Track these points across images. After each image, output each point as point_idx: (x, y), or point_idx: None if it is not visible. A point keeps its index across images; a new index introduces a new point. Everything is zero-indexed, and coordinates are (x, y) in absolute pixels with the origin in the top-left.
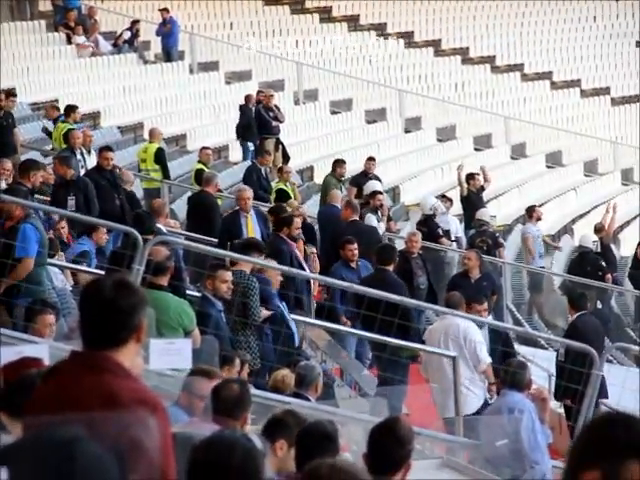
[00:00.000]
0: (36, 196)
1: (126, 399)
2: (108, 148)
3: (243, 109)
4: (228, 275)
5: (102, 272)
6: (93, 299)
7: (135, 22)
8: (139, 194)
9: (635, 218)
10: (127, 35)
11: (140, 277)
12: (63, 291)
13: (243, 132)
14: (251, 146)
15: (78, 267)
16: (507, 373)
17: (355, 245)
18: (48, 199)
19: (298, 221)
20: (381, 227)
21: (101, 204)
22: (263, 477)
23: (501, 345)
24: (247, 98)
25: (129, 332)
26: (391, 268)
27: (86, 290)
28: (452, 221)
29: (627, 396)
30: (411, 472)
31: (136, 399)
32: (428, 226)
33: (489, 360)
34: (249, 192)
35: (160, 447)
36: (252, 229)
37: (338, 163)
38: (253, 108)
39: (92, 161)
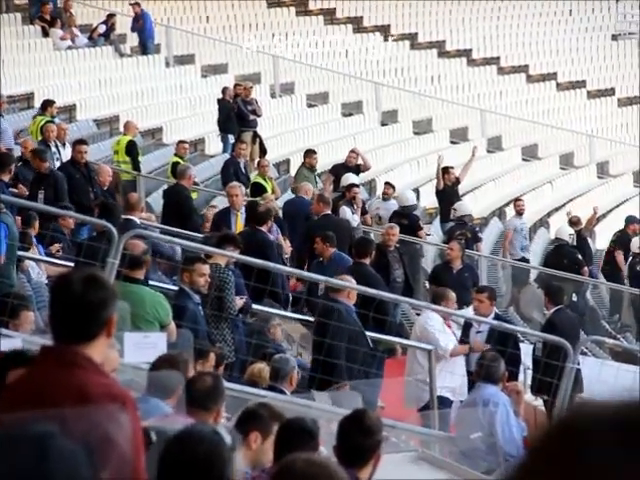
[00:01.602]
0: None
1: (96, 394)
2: (82, 141)
3: (221, 102)
4: (205, 268)
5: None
6: (62, 294)
7: (111, 16)
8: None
9: (611, 211)
10: (102, 29)
11: (115, 270)
12: (38, 284)
13: (223, 125)
14: (231, 139)
15: (49, 259)
16: (481, 366)
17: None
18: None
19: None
20: (355, 219)
21: (75, 197)
22: (228, 472)
23: (503, 346)
24: (224, 91)
25: (99, 327)
26: (367, 261)
27: (55, 285)
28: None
29: (601, 389)
30: (386, 465)
31: (106, 394)
32: (409, 218)
33: (449, 348)
34: (238, 189)
35: (131, 442)
36: (242, 226)
37: (308, 153)
38: (231, 100)
39: (67, 154)
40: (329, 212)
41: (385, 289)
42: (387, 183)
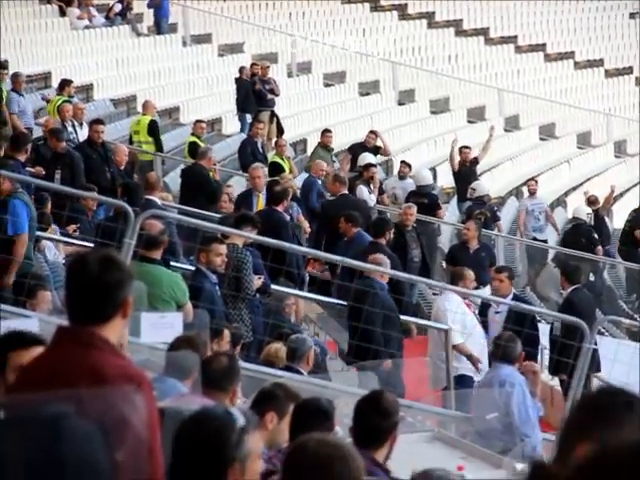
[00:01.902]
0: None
1: (112, 375)
2: (99, 121)
3: (238, 81)
4: (222, 248)
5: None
6: (78, 275)
7: None
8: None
9: (628, 190)
10: (118, 7)
11: (131, 251)
12: (55, 264)
13: (241, 104)
14: (249, 118)
15: (68, 239)
16: (498, 346)
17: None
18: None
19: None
20: (372, 199)
21: (92, 177)
22: (238, 452)
23: (521, 326)
24: (241, 70)
25: (115, 308)
26: (384, 241)
27: (71, 266)
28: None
29: (618, 369)
30: (403, 445)
31: (122, 375)
32: (428, 197)
33: (456, 341)
34: (260, 170)
35: (146, 423)
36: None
37: (323, 133)
38: (248, 79)
39: (84, 134)
40: (346, 192)
41: (401, 269)
42: (403, 162)
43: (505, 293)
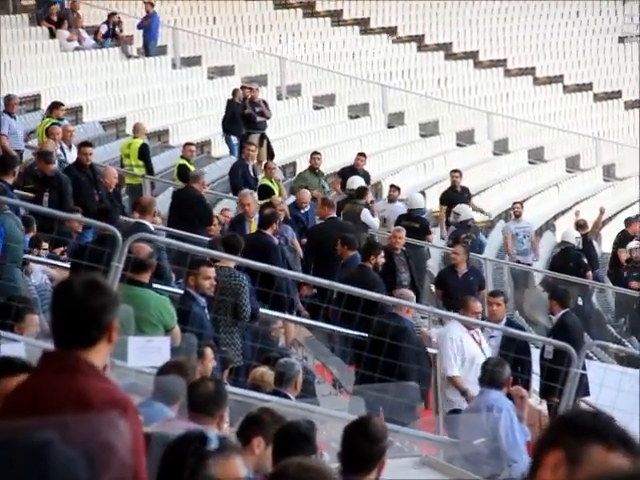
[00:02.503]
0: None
1: (97, 400)
2: (87, 144)
3: (230, 103)
4: (211, 271)
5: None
6: (63, 298)
7: (112, 15)
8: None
9: (617, 214)
10: (104, 29)
11: (119, 274)
12: (42, 287)
13: (228, 126)
14: (235, 140)
15: (53, 262)
16: (486, 371)
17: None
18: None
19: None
20: (376, 223)
21: (81, 200)
22: (195, 476)
23: (514, 352)
24: (234, 92)
25: (100, 332)
26: (371, 265)
27: (57, 290)
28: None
29: (605, 393)
30: (390, 470)
31: (107, 400)
32: (420, 221)
33: (451, 373)
34: (249, 197)
35: (131, 448)
36: None
37: (312, 155)
38: (240, 102)
39: (73, 156)
40: (334, 215)
41: (386, 293)
42: (393, 186)
43: (501, 318)
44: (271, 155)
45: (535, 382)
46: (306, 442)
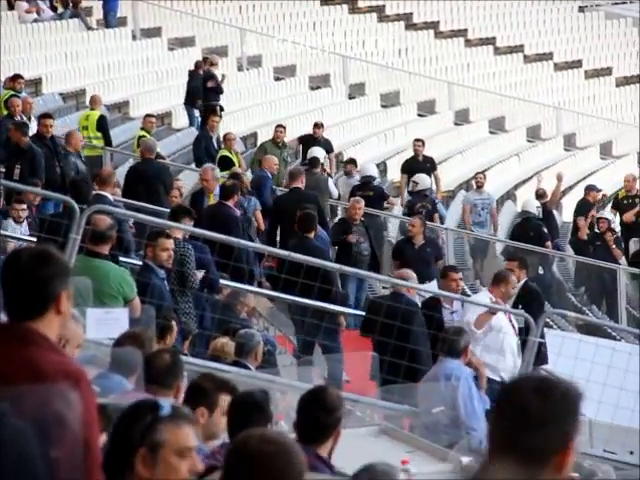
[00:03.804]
0: None
1: (49, 371)
2: (48, 115)
3: (192, 75)
4: (169, 243)
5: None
6: (11, 270)
7: None
8: None
9: (577, 183)
10: None
11: (76, 246)
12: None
13: (190, 98)
14: (196, 112)
15: (12, 235)
16: (444, 340)
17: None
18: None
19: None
20: (335, 192)
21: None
22: (144, 439)
23: None
24: (197, 64)
25: (47, 303)
26: (312, 235)
27: (5, 262)
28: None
29: (564, 362)
30: (349, 439)
31: (59, 371)
32: (374, 189)
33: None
34: (209, 172)
35: (84, 420)
36: None
37: (276, 128)
38: (202, 74)
39: (33, 128)
40: (299, 185)
41: (329, 260)
42: (349, 161)
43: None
44: None
45: None
46: (259, 412)
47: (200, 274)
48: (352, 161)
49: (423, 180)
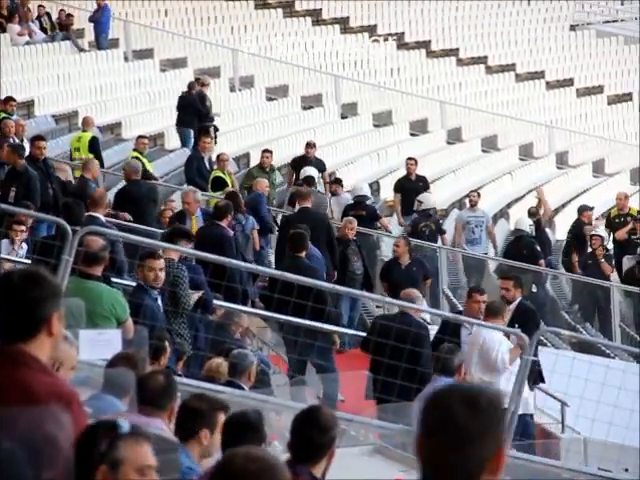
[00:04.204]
0: None
1: (41, 393)
2: (40, 137)
3: (185, 96)
4: (156, 263)
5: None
6: (2, 291)
7: (40, 7)
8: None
9: (570, 202)
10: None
11: (69, 268)
12: None
13: (183, 119)
14: (191, 132)
15: (6, 257)
16: (437, 359)
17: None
18: None
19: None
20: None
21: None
22: (104, 456)
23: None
24: (190, 85)
25: (37, 325)
26: (303, 254)
27: None
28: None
29: (558, 380)
30: (344, 458)
31: (51, 393)
32: (367, 209)
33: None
34: (190, 196)
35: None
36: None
37: (262, 153)
38: (196, 95)
39: (25, 151)
40: (308, 205)
41: (322, 279)
42: (335, 181)
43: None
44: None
45: None
46: (253, 432)
47: (196, 295)
48: (337, 181)
49: (427, 199)
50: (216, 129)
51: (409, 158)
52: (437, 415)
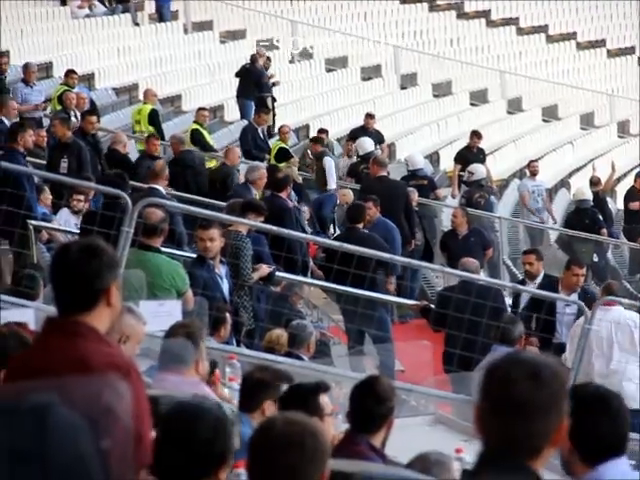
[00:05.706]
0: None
1: (98, 363)
2: (92, 112)
3: (249, 67)
4: (205, 234)
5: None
6: (60, 264)
7: None
8: (134, 156)
9: (631, 170)
10: None
11: (129, 239)
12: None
13: (245, 90)
14: (251, 104)
15: (67, 229)
16: (497, 328)
17: None
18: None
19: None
20: None
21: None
22: (231, 448)
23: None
24: (253, 57)
25: (95, 296)
26: (361, 226)
27: (55, 254)
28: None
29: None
30: (404, 428)
31: (108, 363)
32: (428, 178)
33: None
34: (262, 172)
35: (134, 412)
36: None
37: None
38: (259, 68)
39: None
40: (384, 174)
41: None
42: (350, 139)
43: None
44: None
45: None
46: (308, 403)
47: (266, 269)
48: (352, 139)
49: (478, 170)
50: (274, 99)
51: (474, 132)
52: (501, 390)
